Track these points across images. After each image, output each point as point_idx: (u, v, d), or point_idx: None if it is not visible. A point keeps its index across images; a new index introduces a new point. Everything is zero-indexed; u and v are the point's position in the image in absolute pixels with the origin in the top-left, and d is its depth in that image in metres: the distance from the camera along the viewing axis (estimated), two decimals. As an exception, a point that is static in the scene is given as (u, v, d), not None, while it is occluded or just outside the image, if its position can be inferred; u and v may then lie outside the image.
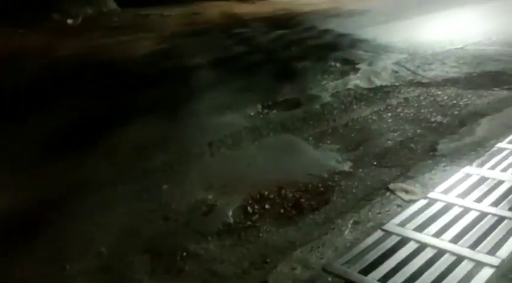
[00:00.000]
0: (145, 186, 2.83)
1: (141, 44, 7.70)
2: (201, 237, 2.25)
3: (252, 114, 4.05)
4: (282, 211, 2.48)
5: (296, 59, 6.08)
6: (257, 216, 2.44)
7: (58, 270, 2.10)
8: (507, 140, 3.09)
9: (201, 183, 2.81)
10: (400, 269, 1.88)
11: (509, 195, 2.38)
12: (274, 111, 4.12)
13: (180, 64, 6.23)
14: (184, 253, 2.14)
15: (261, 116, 4.01)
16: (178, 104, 4.47)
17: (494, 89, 4.26)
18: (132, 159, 3.25)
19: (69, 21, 9.78)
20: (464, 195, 2.42)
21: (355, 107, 4.08)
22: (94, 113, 4.29)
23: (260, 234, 2.27)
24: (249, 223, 2.38)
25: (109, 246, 2.24)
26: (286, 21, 10.35)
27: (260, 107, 4.22)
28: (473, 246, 1.98)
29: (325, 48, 6.71)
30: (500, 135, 3.17)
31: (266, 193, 2.65)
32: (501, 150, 2.93)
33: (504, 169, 2.67)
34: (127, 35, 8.67)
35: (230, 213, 2.47)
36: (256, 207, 2.52)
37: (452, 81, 4.59)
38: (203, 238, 2.25)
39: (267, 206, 2.53)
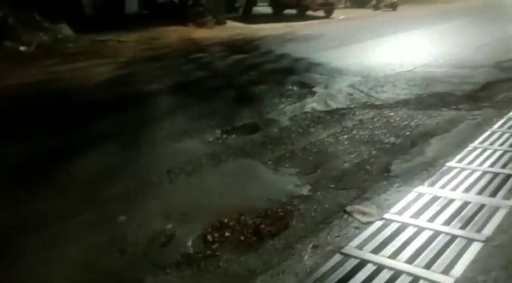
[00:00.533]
0: (101, 218, 2.74)
1: (98, 70, 7.58)
2: (159, 270, 2.20)
3: (211, 139, 4.04)
4: (242, 238, 2.46)
5: (254, 84, 6.16)
6: (217, 244, 2.41)
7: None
8: (456, 159, 3.23)
9: (160, 213, 2.76)
10: (359, 292, 1.90)
11: (460, 213, 2.47)
12: (233, 136, 4.13)
13: (138, 90, 6.16)
14: (142, 287, 2.07)
15: (220, 141, 4.01)
16: (136, 132, 4.40)
17: (443, 109, 4.47)
18: (88, 190, 3.14)
19: (22, 48, 9.49)
20: (417, 214, 2.49)
21: (312, 130, 4.16)
22: (48, 143, 4.13)
23: (220, 263, 2.24)
24: (209, 252, 2.34)
25: (63, 284, 2.15)
26: (243, 46, 10.51)
27: (219, 132, 4.22)
28: (428, 265, 2.03)
29: (282, 72, 6.85)
30: (449, 155, 3.31)
31: (226, 220, 2.63)
32: (450, 169, 3.06)
33: (454, 188, 2.78)
34: (83, 62, 8.51)
35: (189, 243, 2.43)
36: (216, 235, 2.50)
37: (404, 103, 4.78)
38: (161, 270, 2.20)
39: (227, 234, 2.50)
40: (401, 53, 8.06)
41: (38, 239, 2.55)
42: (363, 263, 2.10)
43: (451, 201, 2.62)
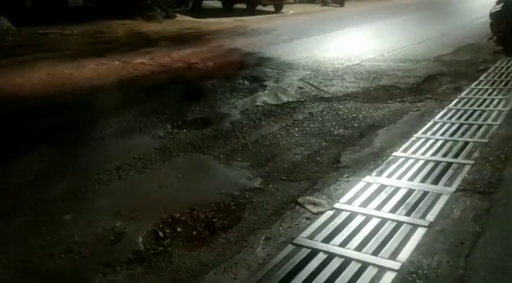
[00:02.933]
0: (44, 218, 2.62)
1: (40, 65, 7.23)
2: (108, 269, 2.13)
3: (161, 134, 3.97)
4: (194, 233, 2.44)
5: (205, 78, 6.10)
6: (169, 240, 2.37)
7: None
8: (401, 149, 3.35)
9: (109, 210, 2.67)
10: (311, 281, 1.93)
11: (405, 200, 2.57)
12: (185, 130, 4.07)
13: (84, 86, 5.93)
14: (90, 288, 2.00)
15: (171, 136, 3.94)
16: (83, 129, 4.24)
17: (389, 101, 4.62)
18: (30, 191, 2.99)
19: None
20: (366, 203, 2.57)
21: (264, 123, 4.18)
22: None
23: (172, 259, 2.21)
24: (161, 248, 2.30)
25: (3, 289, 2.04)
26: (193, 39, 10.37)
27: (170, 127, 4.15)
28: (376, 252, 2.10)
29: (233, 67, 6.82)
30: (395, 145, 3.44)
31: (178, 215, 2.59)
32: (396, 158, 3.17)
33: (400, 177, 2.88)
34: (24, 55, 8.09)
35: (140, 240, 2.37)
36: (167, 231, 2.45)
37: (352, 96, 4.90)
38: (111, 269, 2.13)
39: (179, 229, 2.47)
40: (349, 47, 8.25)
41: (-24, 243, 2.41)
42: (314, 252, 2.14)
43: (397, 189, 2.72)
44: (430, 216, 2.38)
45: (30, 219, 2.60)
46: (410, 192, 2.67)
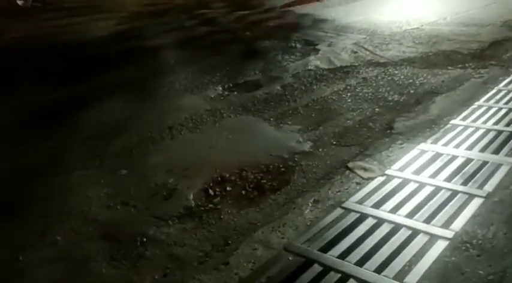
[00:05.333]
0: (103, 172, 2.75)
1: (99, 25, 7.42)
2: (161, 222, 2.22)
3: (212, 96, 4.00)
4: (243, 192, 2.47)
5: (257, 40, 6.04)
6: (218, 198, 2.43)
7: (11, 261, 2.02)
8: (460, 117, 3.19)
9: (161, 167, 2.77)
10: (359, 245, 1.92)
11: (462, 170, 2.47)
12: (235, 92, 4.08)
13: (140, 45, 6.06)
14: (144, 239, 2.10)
15: (222, 97, 3.97)
16: (138, 87, 4.36)
17: (449, 67, 4.38)
18: (90, 144, 3.14)
19: (19, 2, 9.27)
20: (419, 171, 2.49)
21: (315, 87, 4.11)
22: (51, 98, 4.11)
23: (221, 216, 2.26)
24: (211, 205, 2.36)
25: (65, 234, 2.18)
26: (247, 2, 10.21)
27: (221, 88, 4.17)
28: (428, 220, 2.05)
29: (285, 29, 6.69)
30: (453, 113, 3.27)
31: (227, 175, 2.63)
32: (454, 126, 3.03)
33: (457, 145, 2.76)
34: (83, 16, 8.33)
35: (191, 197, 2.44)
36: (217, 189, 2.51)
37: (409, 61, 4.69)
38: (164, 222, 2.22)
39: (228, 188, 2.51)
40: (408, 10, 7.82)
41: (41, 190, 2.58)
42: (363, 217, 2.12)
43: (454, 158, 2.61)
44: (488, 187, 2.28)
45: (89, 173, 2.74)
46: (468, 161, 2.55)
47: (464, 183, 2.32)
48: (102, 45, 6.22)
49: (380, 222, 2.07)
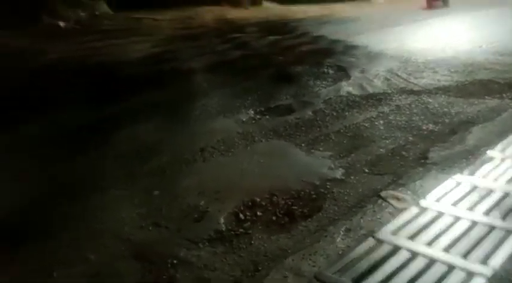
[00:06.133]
0: (136, 191, 2.80)
1: (135, 48, 7.68)
2: (192, 245, 2.23)
3: (244, 119, 4.04)
4: (274, 218, 2.47)
5: (289, 65, 6.11)
6: (249, 223, 2.42)
7: (45, 277, 2.06)
8: (498, 148, 3.11)
9: (193, 189, 2.79)
10: (392, 278, 1.88)
11: (500, 203, 2.39)
12: (267, 116, 4.11)
13: (174, 68, 6.22)
14: (175, 261, 2.11)
15: (254, 121, 4.00)
16: (171, 109, 4.46)
17: (486, 97, 4.30)
18: (124, 164, 3.21)
19: (61, 23, 9.70)
20: (455, 203, 2.42)
21: (347, 113, 4.09)
22: (87, 117, 4.24)
23: (252, 241, 2.25)
24: (241, 230, 2.36)
25: (98, 252, 2.21)
26: (279, 27, 10.40)
27: (253, 112, 4.22)
28: (465, 255, 1.98)
29: (318, 55, 6.74)
30: (491, 144, 3.19)
31: (258, 200, 2.63)
32: (492, 158, 2.95)
33: (495, 178, 2.68)
34: (120, 39, 8.64)
35: (222, 220, 2.45)
36: (248, 213, 2.51)
37: (444, 89, 4.63)
38: (194, 245, 2.23)
39: (259, 213, 2.51)
40: (443, 37, 7.77)
41: (75, 208, 2.64)
42: (396, 249, 2.07)
43: (491, 191, 2.53)
44: (529, 223, 2.20)
45: (123, 192, 2.79)
46: (506, 195, 2.47)
47: (503, 218, 2.25)
48: (137, 67, 6.42)
49: (414, 255, 2.01)
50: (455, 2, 14.40)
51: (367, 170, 2.96)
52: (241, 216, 2.49)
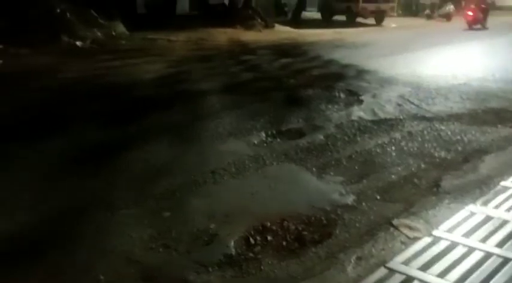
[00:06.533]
0: (146, 212, 2.80)
1: (149, 68, 7.79)
2: (201, 268, 2.22)
3: (255, 142, 4.05)
4: (284, 243, 2.45)
5: (301, 88, 6.15)
6: (259, 247, 2.41)
7: (55, 297, 2.06)
8: (511, 179, 3.08)
9: (203, 212, 2.79)
10: (404, 310, 1.85)
11: (514, 235, 2.36)
12: (278, 140, 4.12)
13: (187, 89, 6.29)
14: (184, 284, 2.10)
15: (265, 144, 4.01)
16: (183, 130, 4.49)
17: (498, 126, 4.28)
18: (135, 185, 3.22)
19: (78, 43, 9.90)
20: (468, 234, 2.39)
21: (359, 139, 4.10)
22: (100, 137, 4.28)
23: (262, 267, 2.24)
24: (251, 255, 2.34)
25: (107, 273, 2.20)
26: (291, 50, 10.50)
27: (264, 135, 4.23)
28: (479, 288, 1.95)
29: (329, 79, 6.79)
30: (504, 174, 3.17)
31: (269, 224, 2.62)
32: (505, 188, 2.92)
33: (509, 209, 2.65)
34: (135, 58, 8.78)
35: (232, 244, 2.44)
36: (258, 238, 2.49)
37: (456, 117, 4.62)
38: (204, 269, 2.21)
39: (269, 238, 2.50)
40: (455, 64, 7.80)
41: (86, 228, 2.64)
42: (408, 279, 2.04)
43: (505, 222, 2.50)
44: (543, 256, 2.16)
45: (133, 212, 2.79)
46: (520, 227, 2.44)
47: (518, 251, 2.21)
48: (151, 87, 6.50)
49: (427, 286, 1.98)
50: (465, 29, 14.46)
51: (378, 197, 2.94)
52: (251, 240, 2.47)
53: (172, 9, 16.27)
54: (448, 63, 7.97)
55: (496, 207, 2.69)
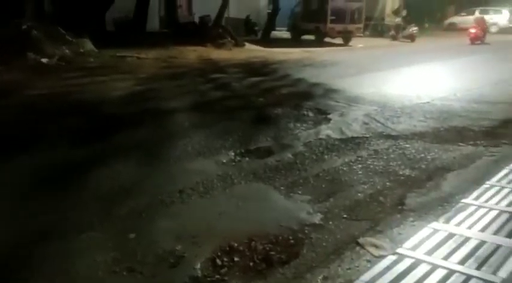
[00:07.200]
0: (111, 234, 2.73)
1: (118, 85, 7.70)
2: (166, 292, 2.17)
3: (224, 161, 4.04)
4: (251, 264, 2.43)
5: (270, 107, 6.20)
6: (226, 269, 2.38)
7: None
8: (472, 196, 3.17)
9: (170, 233, 2.74)
10: (369, 329, 1.85)
11: (476, 252, 2.42)
12: (247, 159, 4.12)
13: (156, 107, 6.23)
14: (149, 309, 2.05)
15: (234, 163, 4.00)
16: (151, 149, 4.43)
17: (460, 144, 4.42)
18: (100, 205, 3.14)
19: (44, 60, 9.70)
20: (431, 251, 2.44)
21: (326, 157, 4.14)
22: (65, 156, 4.17)
23: (228, 289, 2.21)
24: (217, 276, 2.31)
25: (69, 300, 2.13)
26: (261, 68, 10.62)
27: (233, 154, 4.22)
28: (441, 305, 1.98)
29: (298, 97, 6.88)
30: (465, 191, 3.26)
31: (236, 245, 2.60)
32: (467, 206, 3.01)
33: (470, 226, 2.72)
34: (104, 76, 8.67)
35: (198, 266, 2.40)
36: (225, 259, 2.47)
37: (420, 135, 4.75)
38: (169, 292, 2.17)
39: (236, 259, 2.47)
40: (419, 84, 8.05)
41: (48, 251, 2.55)
42: (374, 299, 2.05)
43: (467, 239, 2.56)
44: (503, 273, 2.22)
45: (98, 235, 2.72)
46: (481, 243, 2.51)
47: (478, 268, 2.27)
48: (119, 105, 6.42)
49: (392, 305, 2.00)
50: (430, 50, 15.02)
51: (345, 215, 2.97)
52: (218, 261, 2.44)
53: (142, 26, 16.20)
54: (412, 83, 8.23)
55: (458, 224, 2.76)
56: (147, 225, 2.86)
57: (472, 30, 18.19)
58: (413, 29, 19.80)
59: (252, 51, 14.53)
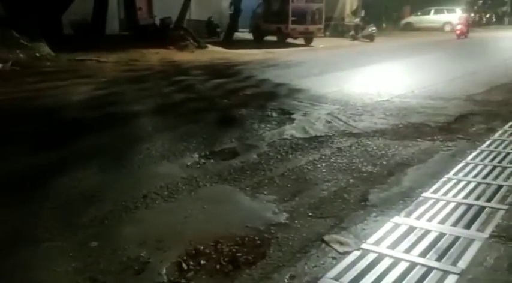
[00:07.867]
0: (72, 243, 2.65)
1: (78, 90, 7.49)
2: (131, 299, 2.13)
3: (189, 164, 4.00)
4: (218, 266, 2.41)
5: (234, 108, 6.19)
6: (192, 272, 2.35)
7: None
8: (431, 190, 3.28)
9: (134, 239, 2.69)
10: (336, 325, 1.88)
11: (436, 245, 2.49)
12: (212, 160, 4.10)
13: (118, 111, 6.11)
14: (113, 318, 2.00)
15: (198, 166, 3.97)
16: (114, 153, 4.33)
17: (418, 139, 4.56)
18: (61, 214, 3.04)
19: (-3, 65, 9.34)
20: (394, 245, 2.50)
21: (291, 156, 4.18)
22: (23, 164, 4.02)
23: (195, 293, 2.19)
24: (184, 281, 2.28)
25: (28, 313, 2.05)
26: (224, 70, 10.60)
27: (197, 156, 4.19)
28: (404, 298, 2.03)
29: (262, 98, 6.91)
30: (425, 185, 3.36)
31: (202, 248, 2.58)
32: (426, 200, 3.10)
33: (430, 219, 2.81)
34: (63, 80, 8.42)
35: (164, 271, 2.36)
36: (191, 263, 2.44)
37: (381, 132, 4.86)
38: (134, 300, 2.13)
39: (202, 262, 2.45)
40: (379, 82, 8.25)
41: (7, 263, 2.45)
42: (339, 295, 2.08)
43: (427, 232, 2.64)
44: (462, 263, 2.30)
45: (58, 244, 2.63)
46: (441, 236, 2.59)
47: (438, 259, 2.34)
48: (79, 110, 6.25)
49: (357, 300, 2.04)
50: (388, 49, 15.43)
51: (310, 214, 3.00)
52: (184, 265, 2.41)
53: (101, 29, 15.83)
54: (372, 81, 8.42)
55: (418, 217, 2.84)
56: (110, 233, 2.79)
57: (459, 27, 21.71)
58: (372, 29, 20.29)
59: (215, 53, 14.48)
